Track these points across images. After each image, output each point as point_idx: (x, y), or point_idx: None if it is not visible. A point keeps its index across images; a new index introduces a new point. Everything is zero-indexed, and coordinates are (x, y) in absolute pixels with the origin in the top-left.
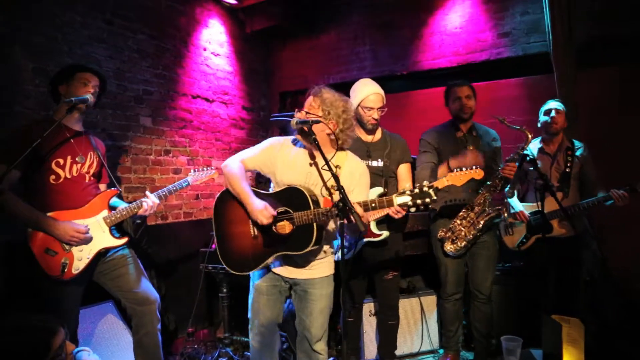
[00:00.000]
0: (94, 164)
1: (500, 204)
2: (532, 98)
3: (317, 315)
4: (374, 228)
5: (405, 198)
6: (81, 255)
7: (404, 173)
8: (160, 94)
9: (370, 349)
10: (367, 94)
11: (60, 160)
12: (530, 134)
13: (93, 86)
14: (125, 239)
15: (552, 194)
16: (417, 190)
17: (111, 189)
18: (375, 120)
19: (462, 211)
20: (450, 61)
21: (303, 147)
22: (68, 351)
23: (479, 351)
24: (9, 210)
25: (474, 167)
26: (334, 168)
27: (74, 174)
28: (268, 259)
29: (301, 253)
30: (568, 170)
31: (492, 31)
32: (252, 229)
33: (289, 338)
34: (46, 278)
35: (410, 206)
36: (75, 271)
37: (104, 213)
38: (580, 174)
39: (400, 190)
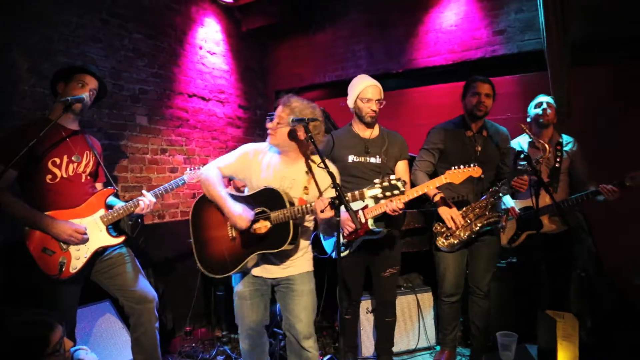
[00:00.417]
0: (90, 163)
1: (503, 210)
2: (527, 95)
3: (301, 311)
4: (371, 225)
5: (375, 190)
6: (78, 255)
7: (401, 170)
8: (157, 93)
9: (368, 346)
10: (365, 85)
11: (57, 159)
12: (549, 147)
13: (90, 89)
14: (123, 238)
15: (547, 189)
16: (387, 183)
17: (108, 188)
18: (374, 112)
19: (463, 210)
20: (445, 59)
21: (277, 153)
22: (67, 347)
23: (475, 347)
24: (7, 209)
25: (471, 165)
26: (307, 171)
27: (70, 174)
28: (246, 259)
29: (279, 250)
30: (557, 165)
31: (487, 29)
32: (230, 231)
33: None
34: (44, 277)
35: (380, 198)
36: (72, 270)
37: (101, 212)
38: (570, 169)
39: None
